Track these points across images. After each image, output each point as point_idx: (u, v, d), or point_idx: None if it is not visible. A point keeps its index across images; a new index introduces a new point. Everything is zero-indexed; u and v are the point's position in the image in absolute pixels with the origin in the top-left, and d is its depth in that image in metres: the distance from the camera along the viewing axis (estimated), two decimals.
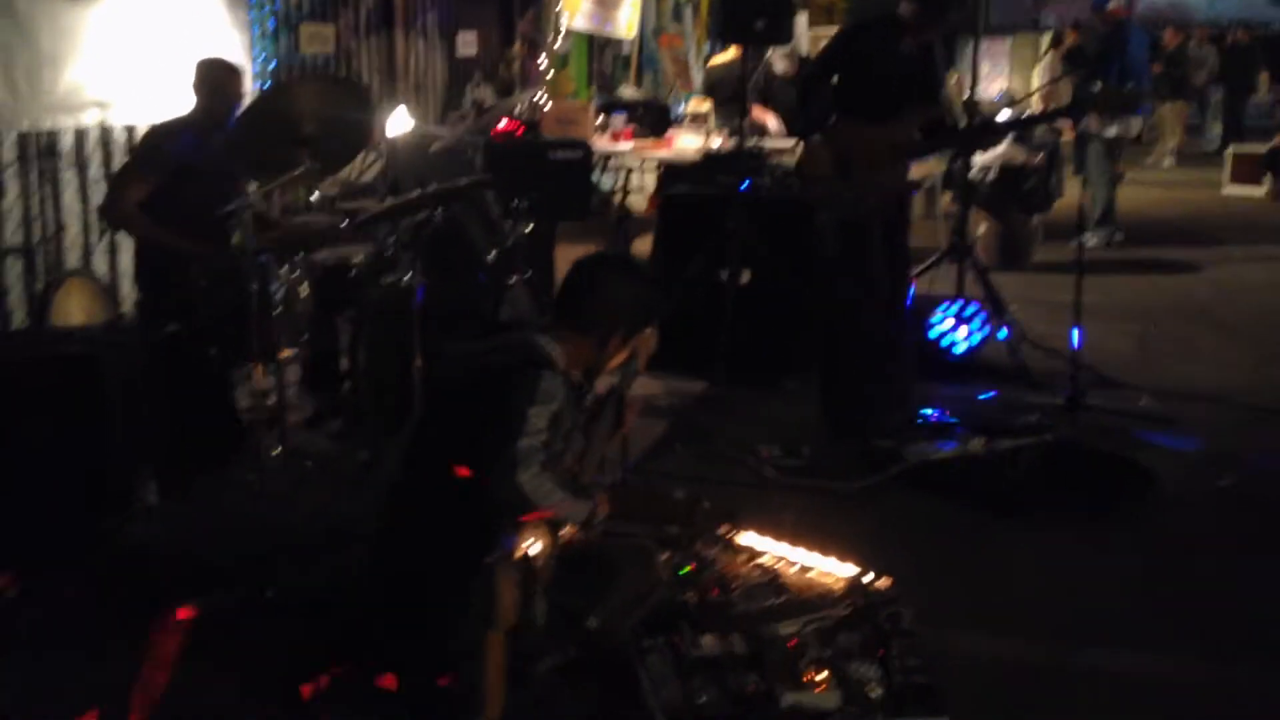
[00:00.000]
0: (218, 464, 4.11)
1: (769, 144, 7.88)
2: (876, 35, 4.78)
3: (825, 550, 3.48)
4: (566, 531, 2.83)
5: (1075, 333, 5.04)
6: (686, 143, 8.50)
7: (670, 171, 8.34)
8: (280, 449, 4.12)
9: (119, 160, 5.62)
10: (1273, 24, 28.30)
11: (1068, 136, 10.37)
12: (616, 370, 3.19)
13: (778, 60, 8.85)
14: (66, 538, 3.54)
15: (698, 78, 13.78)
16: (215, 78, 4.41)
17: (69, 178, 5.40)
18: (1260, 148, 12.45)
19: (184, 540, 3.72)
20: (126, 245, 5.58)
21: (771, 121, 8.34)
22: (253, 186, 4.22)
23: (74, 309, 4.84)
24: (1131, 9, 10.03)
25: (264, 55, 6.66)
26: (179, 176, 4.25)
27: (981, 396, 5.24)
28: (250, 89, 6.33)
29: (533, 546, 2.66)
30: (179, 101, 4.99)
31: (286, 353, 4.22)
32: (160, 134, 4.39)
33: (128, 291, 5.54)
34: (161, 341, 4.15)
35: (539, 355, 2.81)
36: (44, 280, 5.17)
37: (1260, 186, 12.12)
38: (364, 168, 5.38)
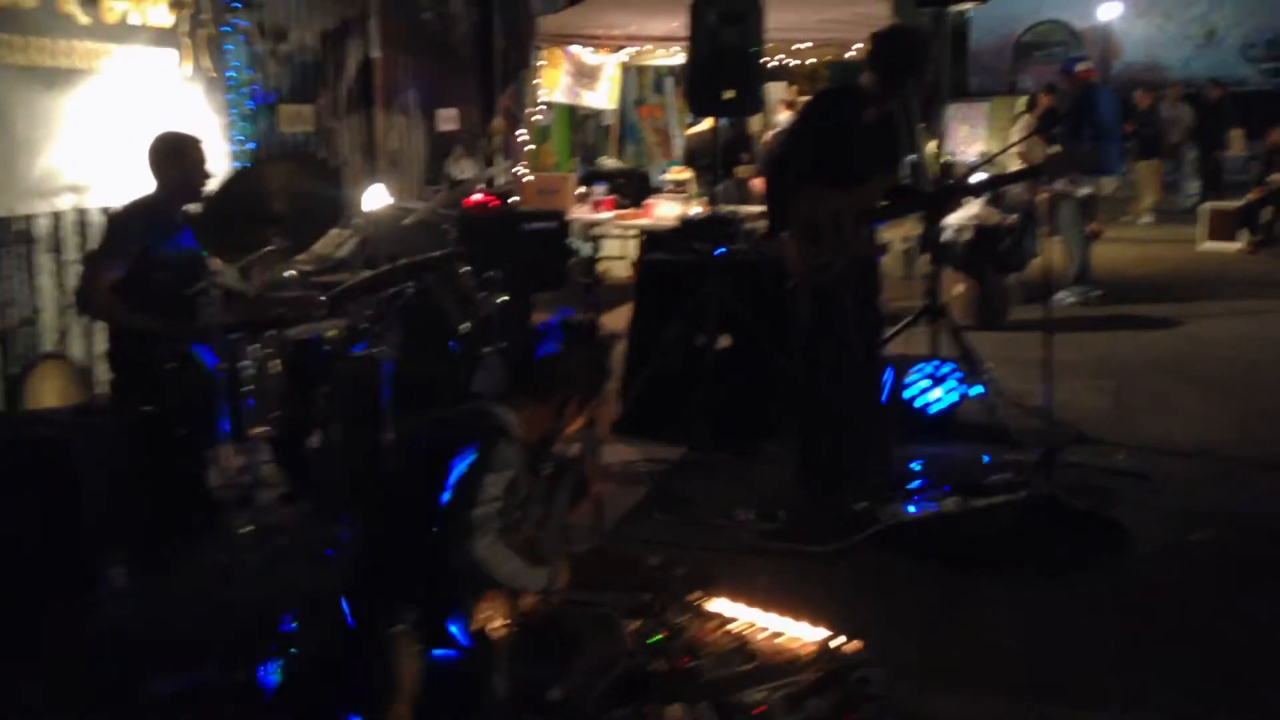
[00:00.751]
0: (189, 543, 4.09)
1: (745, 210, 7.98)
2: (839, 104, 4.86)
3: (800, 614, 3.46)
4: (527, 601, 2.81)
5: (1046, 389, 5.05)
6: (666, 210, 8.62)
7: (650, 239, 8.43)
8: (252, 526, 4.12)
9: (94, 243, 5.65)
10: (1247, 81, 28.81)
11: (1043, 197, 10.49)
12: (577, 437, 3.20)
13: (771, 133, 9.04)
14: (36, 621, 3.51)
15: (679, 147, 13.99)
16: (169, 153, 4.40)
17: (45, 262, 5.43)
18: (1236, 203, 12.60)
19: (156, 621, 3.70)
20: (102, 328, 5.60)
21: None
22: (218, 264, 4.25)
23: (48, 392, 4.85)
24: (1100, 71, 10.21)
25: (243, 137, 6.74)
26: (147, 258, 4.26)
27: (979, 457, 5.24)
28: (229, 168, 6.43)
29: (490, 619, 2.65)
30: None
31: (258, 430, 4.24)
32: (124, 216, 4.39)
33: (103, 374, 5.54)
34: (133, 423, 4.14)
35: (494, 423, 2.82)
36: (19, 364, 5.18)
37: (1236, 242, 12.25)
38: (339, 243, 5.43)
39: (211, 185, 4.47)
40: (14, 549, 3.60)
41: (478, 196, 6.71)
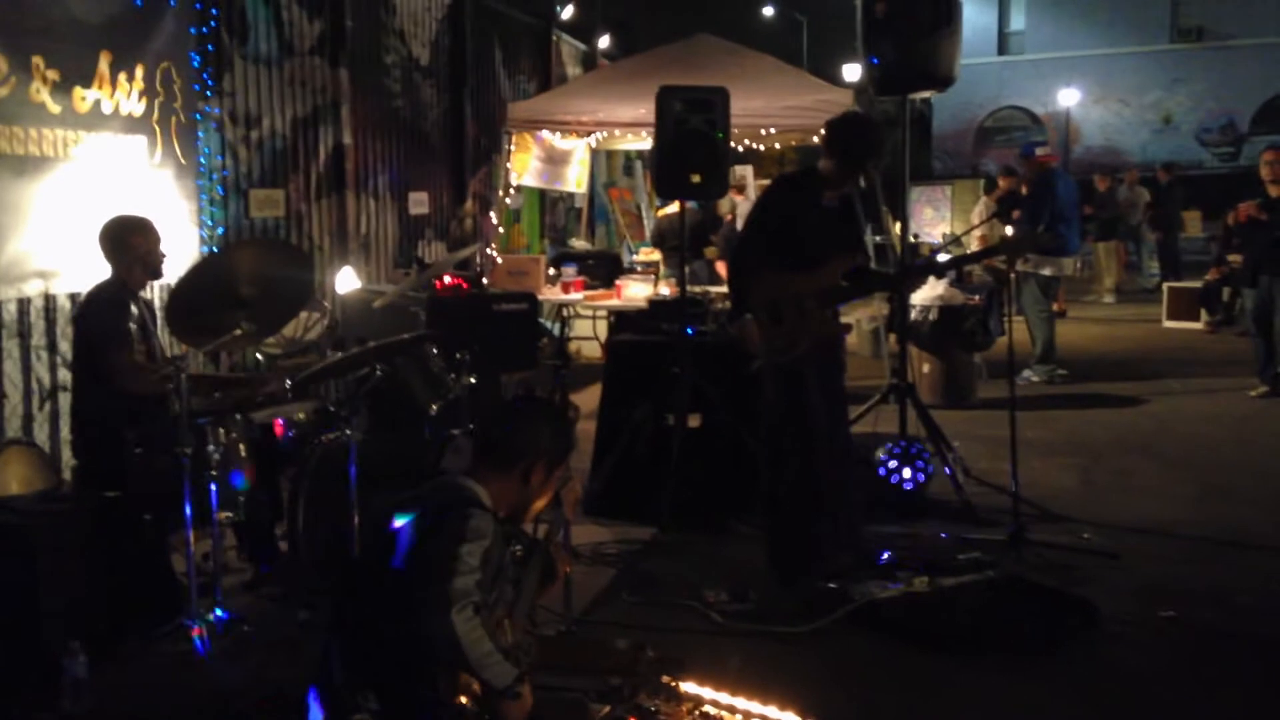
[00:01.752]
0: (152, 631, 4.03)
1: (714, 290, 8.06)
2: (798, 189, 4.96)
3: (772, 697, 3.44)
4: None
5: (1014, 469, 5.09)
6: (636, 291, 8.69)
7: (620, 319, 8.50)
8: (216, 613, 4.07)
9: (62, 329, 5.64)
10: (1202, 164, 29.55)
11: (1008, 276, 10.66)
12: (544, 517, 3.20)
13: (740, 218, 9.17)
14: None
15: (649, 228, 14.16)
16: (120, 238, 4.43)
17: (10, 347, 5.40)
18: (1195, 284, 12.85)
19: (116, 713, 3.63)
20: (66, 414, 5.56)
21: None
22: (179, 350, 4.25)
23: (12, 478, 4.79)
24: (1060, 155, 10.46)
25: (213, 222, 6.77)
26: (109, 342, 4.27)
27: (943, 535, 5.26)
28: (198, 254, 6.45)
29: (463, 708, 2.62)
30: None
31: (223, 515, 4.21)
32: (109, 293, 4.40)
33: (69, 459, 5.49)
34: (96, 508, 4.11)
35: (466, 495, 2.82)
36: None
37: (1197, 321, 12.47)
38: (308, 326, 5.44)
39: (180, 269, 4.49)
40: None
41: (448, 278, 6.76)
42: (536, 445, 3.01)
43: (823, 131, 5.00)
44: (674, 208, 9.82)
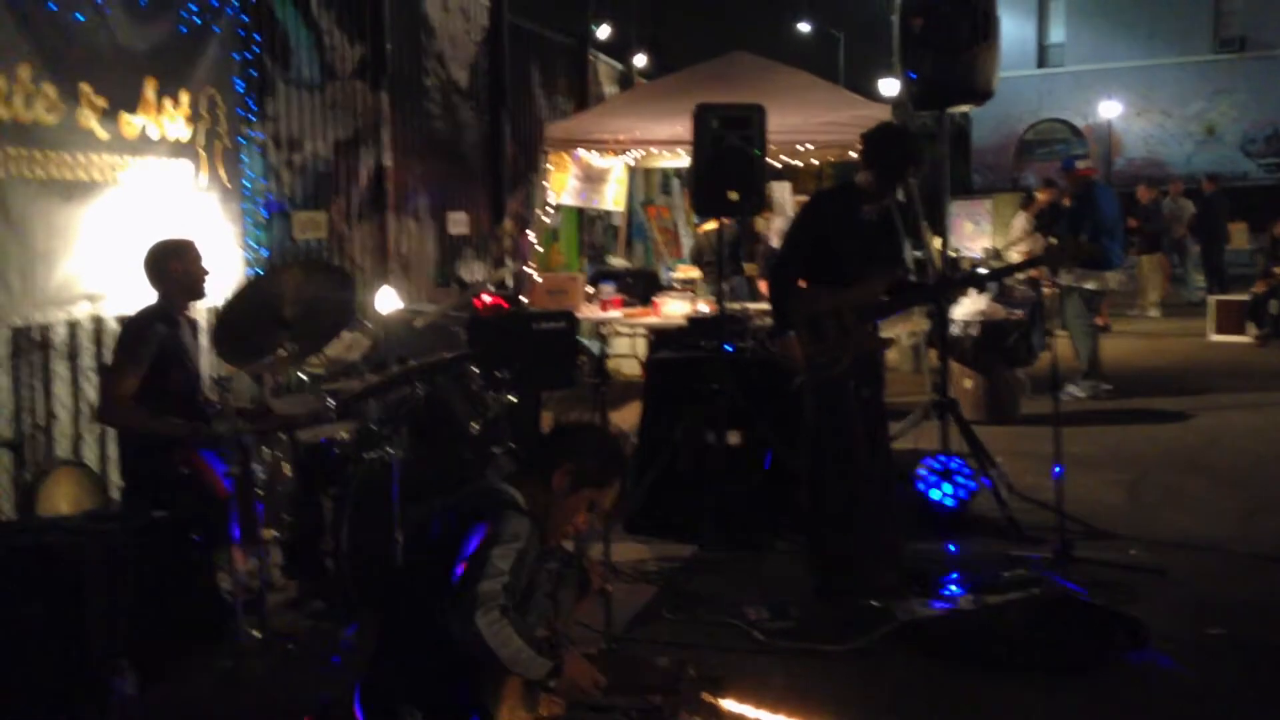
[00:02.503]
0: (199, 650, 4.07)
1: (753, 307, 8.06)
2: (837, 204, 4.95)
3: (815, 716, 3.42)
4: (545, 708, 2.79)
5: (1058, 480, 5.03)
6: (674, 309, 8.71)
7: (658, 337, 8.51)
8: (262, 632, 4.10)
9: (110, 351, 5.72)
10: (1247, 175, 29.17)
11: (1050, 291, 10.58)
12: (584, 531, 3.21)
13: (775, 237, 9.17)
14: None
15: (687, 245, 14.18)
16: (163, 261, 4.49)
17: (60, 369, 5.49)
18: (1242, 296, 12.67)
19: None
20: (113, 435, 5.64)
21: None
22: (225, 370, 4.30)
23: (61, 499, 4.86)
24: (1101, 168, 10.37)
25: (257, 244, 6.86)
26: (159, 365, 4.33)
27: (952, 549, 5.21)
28: (243, 276, 6.54)
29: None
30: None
31: (269, 534, 4.25)
32: (138, 324, 4.46)
33: (117, 479, 5.57)
34: (143, 528, 4.16)
35: (504, 498, 2.84)
36: (34, 471, 5.21)
37: (1245, 334, 12.29)
38: (350, 346, 5.50)
39: (225, 291, 4.56)
40: (23, 657, 3.58)
41: (488, 298, 6.80)
42: (562, 452, 3.04)
43: (859, 144, 5.00)
44: (713, 224, 9.84)
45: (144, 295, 4.61)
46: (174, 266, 4.47)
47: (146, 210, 5.83)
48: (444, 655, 2.70)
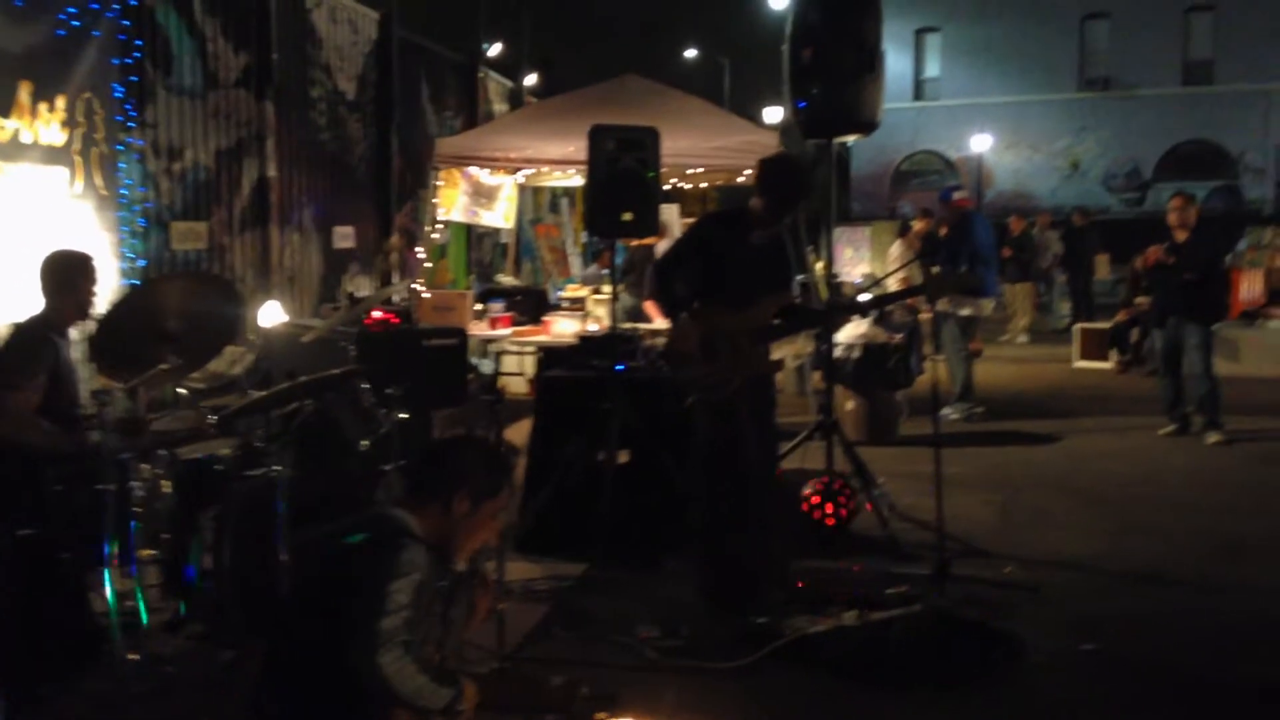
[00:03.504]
0: (71, 673, 3.91)
1: (644, 326, 8.11)
2: (728, 227, 5.03)
3: None
4: None
5: (937, 500, 5.17)
6: (564, 327, 8.71)
7: (549, 355, 8.50)
8: (139, 654, 3.96)
9: None
10: (1109, 209, 30.55)
11: (926, 316, 10.91)
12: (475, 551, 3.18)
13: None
14: None
15: (575, 265, 14.21)
16: (63, 272, 4.33)
17: None
18: (1106, 324, 13.24)
19: None
20: None
21: (660, 320, 8.60)
22: (100, 383, 4.15)
23: None
24: (975, 200, 10.73)
25: (134, 254, 6.65)
26: (50, 375, 4.16)
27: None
28: (120, 286, 6.33)
29: None
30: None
31: (146, 553, 4.10)
32: (33, 334, 4.29)
33: None
34: (10, 547, 3.98)
35: (398, 526, 2.78)
36: None
37: (1107, 361, 12.84)
38: (234, 361, 5.36)
39: (102, 302, 4.40)
40: None
41: (378, 314, 6.71)
42: (457, 476, 2.98)
43: (755, 170, 5.08)
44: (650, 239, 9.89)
45: (16, 305, 4.43)
46: (80, 281, 4.31)
47: (19, 217, 5.61)
48: (333, 685, 2.64)
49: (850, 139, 6.46)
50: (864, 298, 10.06)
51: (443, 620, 2.94)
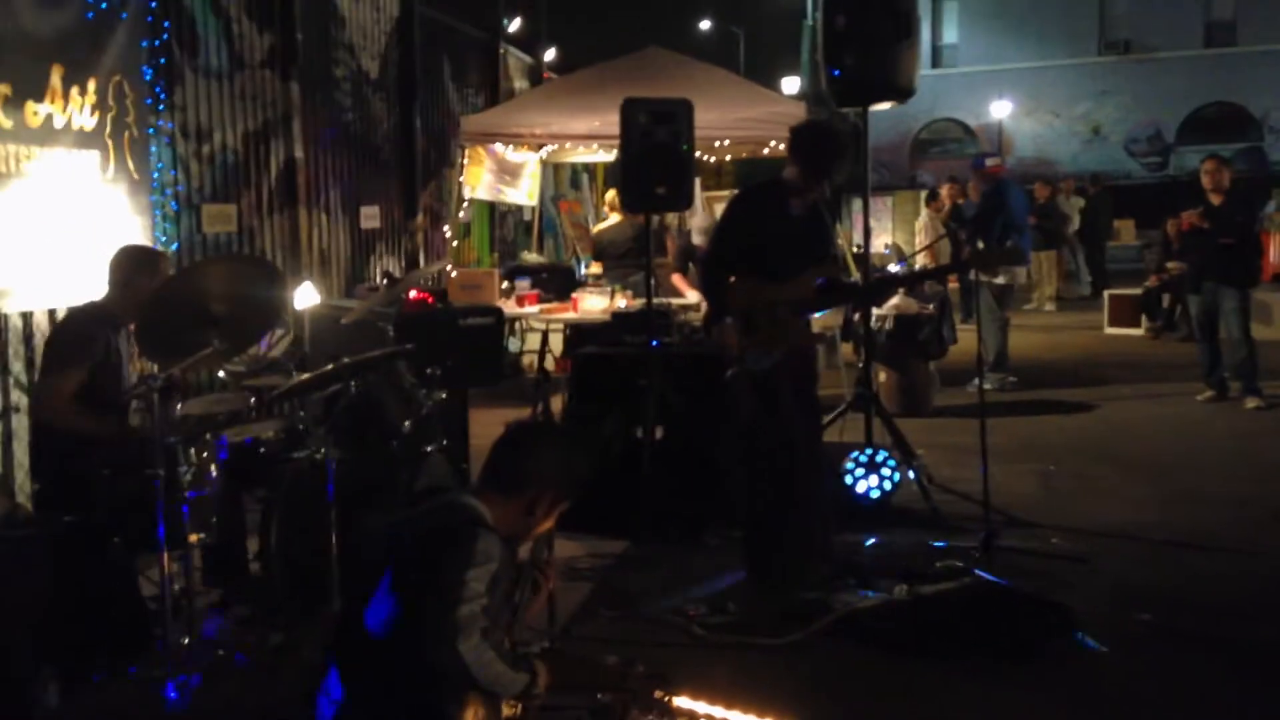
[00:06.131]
0: (124, 658, 3.92)
1: (676, 302, 8.08)
2: (766, 198, 4.97)
3: (762, 709, 3.43)
4: (506, 709, 2.74)
5: (984, 472, 5.13)
6: (592, 304, 8.67)
7: (578, 332, 8.47)
8: (189, 639, 3.97)
9: (15, 349, 5.49)
10: (1131, 174, 30.25)
11: (954, 285, 10.83)
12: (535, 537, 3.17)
13: (696, 234, 9.19)
14: None
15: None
16: (138, 265, 4.35)
17: None
18: (1136, 290, 13.13)
19: None
20: (19, 436, 5.41)
21: (690, 292, 8.59)
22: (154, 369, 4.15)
23: None
24: (1005, 166, 10.63)
25: (166, 237, 6.64)
26: (95, 368, 4.17)
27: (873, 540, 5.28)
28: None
29: None
30: (81, 287, 4.93)
31: (194, 537, 4.10)
32: (84, 320, 4.30)
33: (22, 482, 5.34)
34: (61, 533, 3.99)
35: (471, 515, 2.76)
36: None
37: (1138, 327, 12.73)
38: (274, 343, 5.34)
39: None
40: None
41: (414, 293, 6.69)
42: (546, 476, 2.95)
43: (788, 139, 5.01)
44: (610, 221, 9.87)
45: (50, 292, 4.43)
46: (144, 278, 4.32)
47: (53, 203, 5.59)
48: (406, 672, 2.63)
49: (885, 107, 6.36)
50: (894, 268, 10.01)
51: (513, 607, 2.92)
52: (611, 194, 9.86)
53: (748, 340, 4.84)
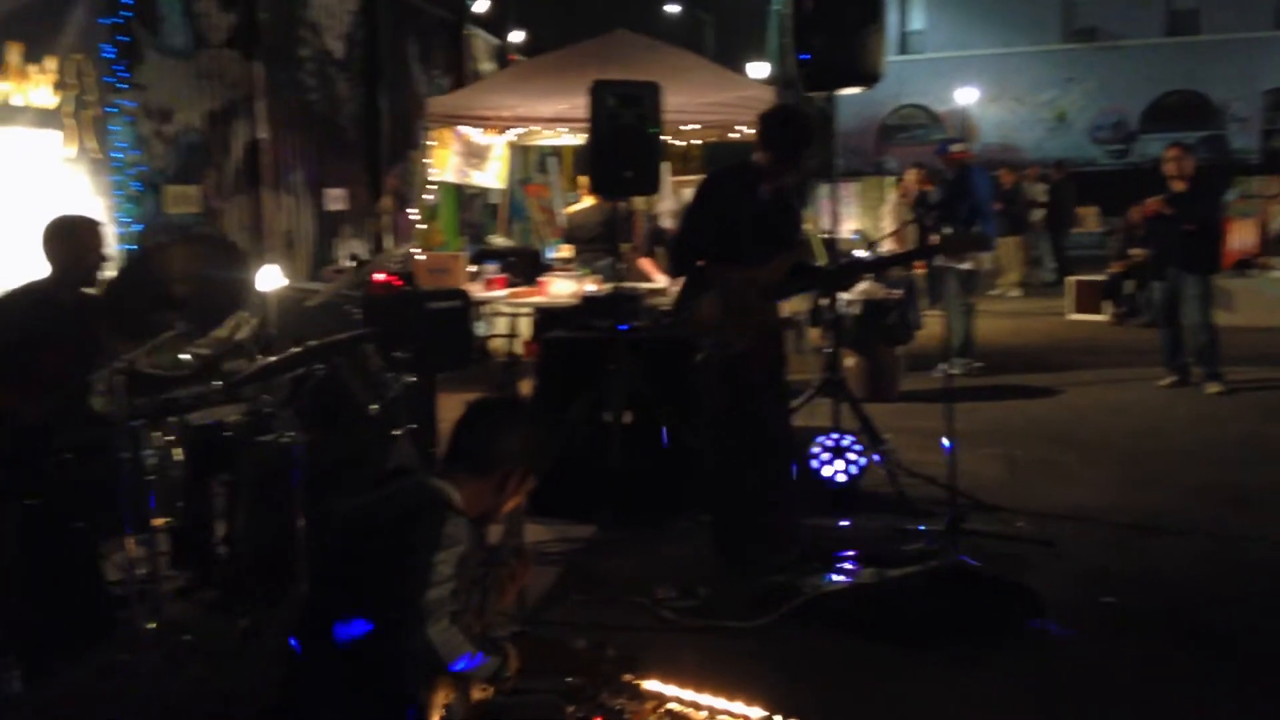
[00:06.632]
0: (88, 644, 3.87)
1: (644, 286, 8.06)
2: (735, 182, 4.96)
3: (731, 693, 3.44)
4: (476, 693, 2.73)
5: (950, 455, 5.16)
6: (560, 288, 8.63)
7: (546, 316, 8.43)
8: (155, 623, 3.92)
9: None
10: (1095, 161, 30.49)
11: (920, 270, 10.87)
12: (505, 518, 3.15)
13: (665, 217, 9.18)
14: None
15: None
16: (59, 236, 4.26)
17: None
18: (1100, 276, 13.24)
19: None
20: None
21: (658, 277, 8.57)
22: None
23: None
24: (973, 152, 10.66)
25: (128, 217, 6.55)
26: (29, 343, 4.08)
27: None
28: (113, 250, 6.22)
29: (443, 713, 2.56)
30: (42, 269, 4.83)
31: (160, 521, 4.06)
32: (15, 301, 4.23)
33: None
34: (21, 518, 3.93)
35: (438, 497, 2.74)
36: None
37: (1101, 313, 12.85)
38: (237, 326, 5.28)
39: (110, 268, 4.33)
40: None
41: (380, 276, 6.63)
42: (513, 452, 2.94)
43: (757, 125, 5.01)
44: (583, 204, 9.82)
45: (11, 271, 4.35)
46: (82, 242, 4.26)
47: (12, 182, 5.50)
48: (375, 652, 2.61)
49: (853, 92, 6.36)
50: (860, 254, 10.03)
51: (482, 590, 2.91)
52: (585, 177, 9.82)
53: (715, 324, 4.84)
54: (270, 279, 5.99)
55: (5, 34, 5.47)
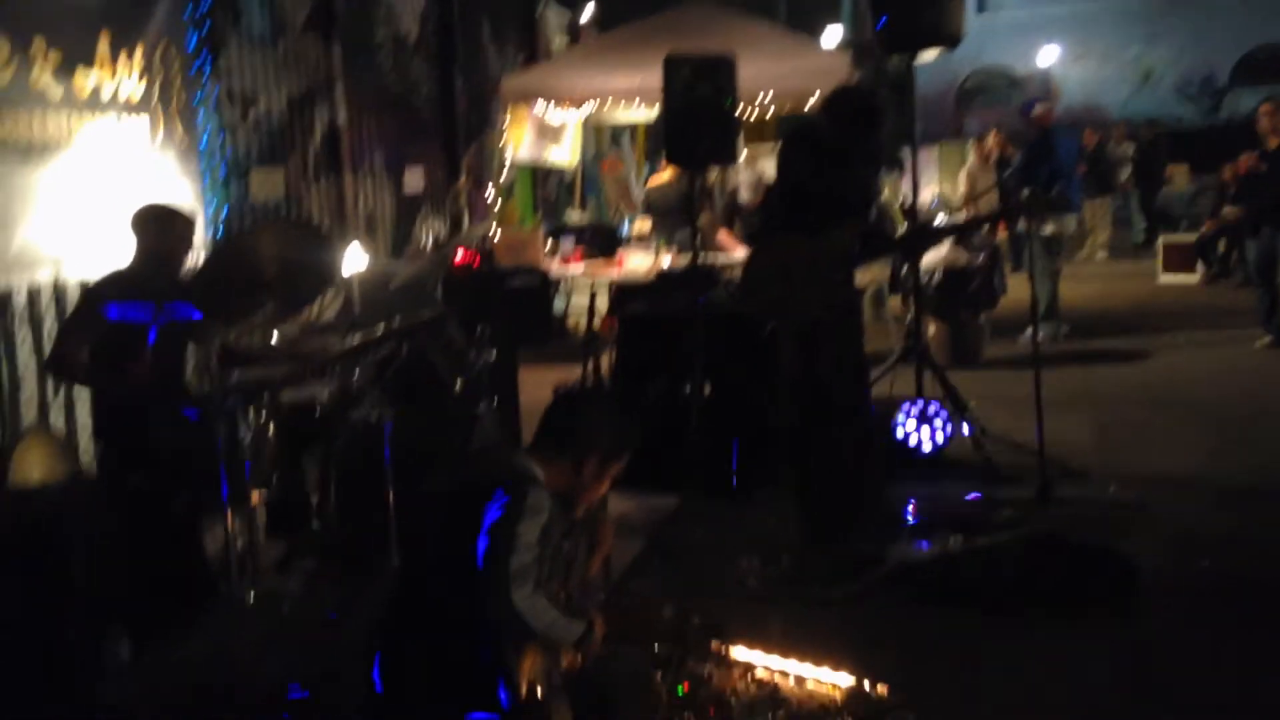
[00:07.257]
0: (191, 615, 4.00)
1: (721, 259, 8.05)
2: (805, 151, 4.93)
3: (817, 660, 3.45)
4: (564, 659, 2.78)
5: (1039, 422, 5.09)
6: (637, 262, 8.66)
7: (624, 291, 8.46)
8: (254, 594, 4.04)
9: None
10: (1183, 119, 29.59)
11: (1003, 235, 10.69)
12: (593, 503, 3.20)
13: (744, 189, 9.14)
14: (38, 707, 3.41)
15: (640, 199, 14.07)
16: (149, 224, 4.38)
17: (24, 335, 5.35)
18: (1189, 237, 12.88)
19: (161, 699, 3.61)
20: (81, 400, 5.51)
21: (738, 250, 8.55)
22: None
23: (33, 466, 4.74)
24: (1055, 113, 10.43)
25: (215, 202, 6.71)
26: (121, 328, 4.21)
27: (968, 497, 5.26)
28: (202, 235, 6.38)
29: (534, 678, 2.62)
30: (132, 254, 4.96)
31: (256, 496, 4.18)
32: (94, 290, 4.35)
33: (85, 445, 5.45)
34: (125, 495, 4.07)
35: (522, 471, 2.81)
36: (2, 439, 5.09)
37: (1193, 274, 12.51)
38: (324, 306, 5.40)
39: (199, 253, 4.45)
40: (12, 634, 3.50)
41: (460, 255, 6.71)
42: (592, 440, 3.01)
43: (821, 96, 4.98)
44: (663, 177, 9.80)
45: (104, 259, 4.48)
46: (169, 230, 4.36)
47: (103, 171, 5.66)
48: (465, 621, 2.67)
49: (934, 54, 6.25)
50: (940, 220, 9.88)
51: (567, 559, 2.96)
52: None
53: (788, 293, 4.81)
54: (354, 261, 6.11)
55: (95, 23, 5.62)
